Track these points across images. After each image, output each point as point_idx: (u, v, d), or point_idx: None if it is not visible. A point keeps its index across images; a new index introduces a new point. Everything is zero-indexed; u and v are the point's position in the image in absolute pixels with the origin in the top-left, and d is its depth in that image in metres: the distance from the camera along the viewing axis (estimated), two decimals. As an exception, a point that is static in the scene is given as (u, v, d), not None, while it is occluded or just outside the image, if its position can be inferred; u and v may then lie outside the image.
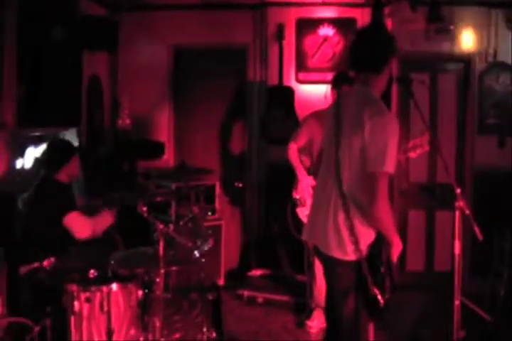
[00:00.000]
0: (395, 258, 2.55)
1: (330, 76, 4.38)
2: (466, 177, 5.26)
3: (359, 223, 2.47)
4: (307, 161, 4.26)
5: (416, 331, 4.14)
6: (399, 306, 4.08)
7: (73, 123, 4.59)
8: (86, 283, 2.91)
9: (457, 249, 2.67)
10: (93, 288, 2.88)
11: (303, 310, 4.39)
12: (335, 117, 2.60)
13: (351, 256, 2.48)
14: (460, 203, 2.62)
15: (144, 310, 3.09)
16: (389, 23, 5.03)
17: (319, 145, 3.83)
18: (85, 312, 2.85)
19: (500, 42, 5.12)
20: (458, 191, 2.62)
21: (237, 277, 5.29)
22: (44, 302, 2.97)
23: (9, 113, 3.69)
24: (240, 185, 5.58)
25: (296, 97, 5.31)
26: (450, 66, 5.35)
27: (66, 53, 4.40)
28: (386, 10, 5.07)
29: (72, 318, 2.85)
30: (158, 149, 5.39)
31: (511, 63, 5.15)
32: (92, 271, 2.98)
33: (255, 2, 5.38)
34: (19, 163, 3.80)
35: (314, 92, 5.22)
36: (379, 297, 2.43)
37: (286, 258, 5.33)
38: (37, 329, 2.85)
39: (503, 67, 5.16)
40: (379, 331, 3.27)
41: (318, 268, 3.96)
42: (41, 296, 3.11)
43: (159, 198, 3.74)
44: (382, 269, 2.50)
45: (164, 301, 3.20)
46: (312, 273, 4.18)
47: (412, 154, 3.30)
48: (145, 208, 3.15)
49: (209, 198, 5.03)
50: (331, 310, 2.70)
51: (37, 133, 4.00)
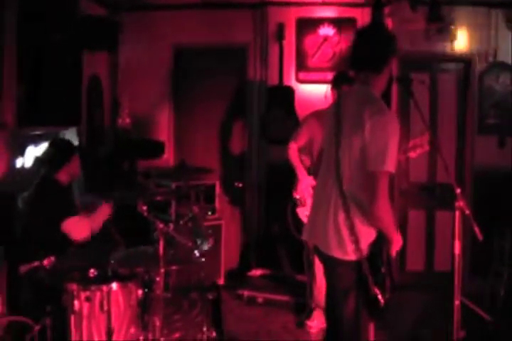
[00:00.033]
0: (394, 253, 2.55)
1: (330, 76, 4.39)
2: (466, 177, 5.26)
3: (359, 222, 2.47)
4: (307, 161, 4.26)
5: (416, 331, 4.14)
6: (399, 306, 4.08)
7: (73, 122, 4.59)
8: (86, 282, 2.91)
9: (457, 249, 2.67)
10: (93, 287, 2.89)
11: (303, 310, 4.39)
12: (335, 117, 2.60)
13: (351, 256, 2.47)
14: (460, 203, 2.62)
15: (144, 310, 3.09)
16: (389, 23, 5.03)
17: (319, 145, 3.83)
18: (85, 311, 2.86)
19: (500, 42, 5.12)
20: (458, 191, 2.62)
21: (237, 277, 5.29)
22: (44, 301, 2.97)
23: (9, 113, 3.69)
24: (240, 185, 5.58)
25: (296, 97, 5.30)
26: (450, 66, 5.35)
27: (66, 53, 4.40)
28: (386, 10, 5.07)
29: (72, 317, 2.85)
30: (158, 148, 5.39)
31: (511, 63, 5.15)
32: (92, 270, 2.97)
33: (255, 1, 5.38)
34: (19, 162, 3.80)
35: (314, 92, 5.22)
36: (379, 297, 2.43)
37: (286, 258, 5.33)
38: (37, 328, 2.84)
39: (503, 67, 5.15)
40: (379, 331, 3.26)
41: (318, 268, 3.96)
42: (41, 295, 3.11)
43: (159, 197, 3.75)
44: (382, 269, 2.50)
45: (164, 300, 3.20)
46: (312, 273, 4.17)
47: (412, 154, 3.29)
48: (145, 207, 3.15)
49: (209, 198, 5.03)
50: (331, 310, 2.70)
51: (37, 132, 4.00)
